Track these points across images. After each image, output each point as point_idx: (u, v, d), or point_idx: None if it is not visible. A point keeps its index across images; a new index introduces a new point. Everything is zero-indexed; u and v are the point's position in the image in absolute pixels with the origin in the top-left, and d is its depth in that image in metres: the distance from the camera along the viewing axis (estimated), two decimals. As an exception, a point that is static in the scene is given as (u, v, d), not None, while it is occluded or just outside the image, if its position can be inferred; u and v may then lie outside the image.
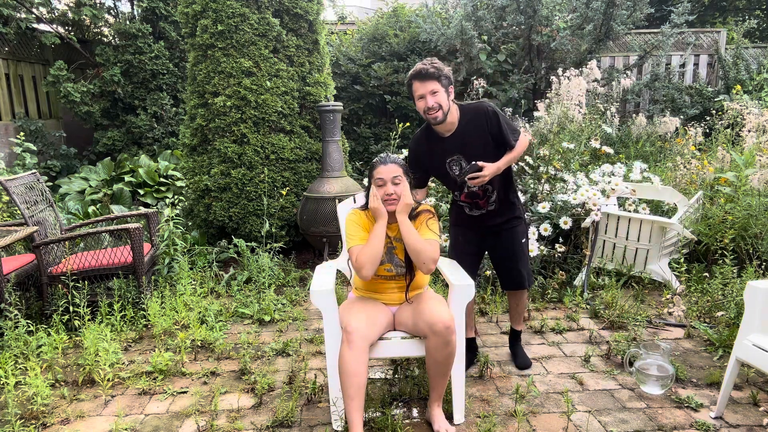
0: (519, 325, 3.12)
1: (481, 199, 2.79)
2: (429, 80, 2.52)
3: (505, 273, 2.94)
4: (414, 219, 2.50)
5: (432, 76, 2.51)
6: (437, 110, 2.56)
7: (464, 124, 2.67)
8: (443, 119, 2.59)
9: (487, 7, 6.83)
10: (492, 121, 2.64)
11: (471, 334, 3.06)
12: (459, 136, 2.67)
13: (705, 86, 7.57)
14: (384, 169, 2.39)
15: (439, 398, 2.46)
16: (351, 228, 2.47)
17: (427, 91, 2.53)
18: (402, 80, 7.06)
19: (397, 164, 2.40)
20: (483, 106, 2.67)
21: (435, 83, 2.52)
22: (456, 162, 2.72)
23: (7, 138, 6.61)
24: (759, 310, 2.38)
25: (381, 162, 2.41)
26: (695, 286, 3.93)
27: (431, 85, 2.52)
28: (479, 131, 2.65)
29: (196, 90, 4.99)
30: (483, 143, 2.66)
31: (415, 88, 2.57)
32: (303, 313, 3.94)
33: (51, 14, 7.35)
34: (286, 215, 5.03)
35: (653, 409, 2.63)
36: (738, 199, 4.21)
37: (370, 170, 2.46)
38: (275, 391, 2.85)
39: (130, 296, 3.75)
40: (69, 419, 2.63)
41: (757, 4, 10.98)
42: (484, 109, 2.65)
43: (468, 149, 2.66)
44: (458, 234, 2.95)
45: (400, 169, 2.40)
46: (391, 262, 2.50)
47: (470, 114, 2.67)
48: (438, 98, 2.54)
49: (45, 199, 4.05)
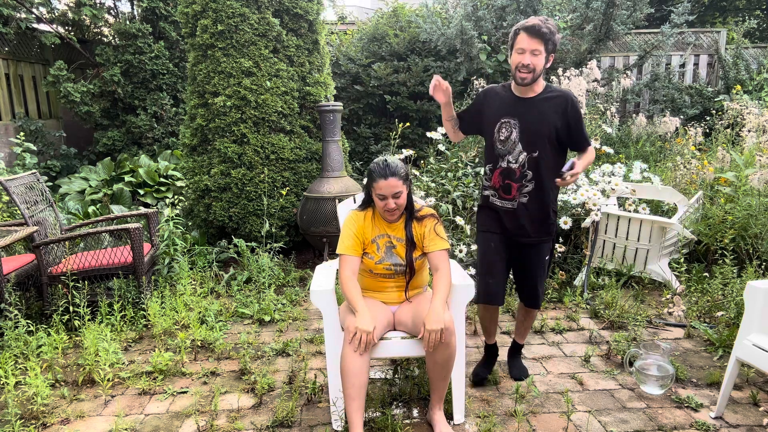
0: (522, 339, 3.01)
1: (514, 181, 2.59)
2: (537, 38, 2.39)
3: (522, 289, 2.82)
4: (418, 222, 2.48)
5: (542, 36, 2.39)
6: (529, 72, 2.45)
7: (543, 98, 2.54)
8: (530, 82, 2.49)
9: (487, 7, 6.82)
10: (574, 109, 2.53)
11: (493, 340, 2.94)
12: (530, 105, 2.54)
13: (705, 86, 7.57)
14: (384, 184, 2.33)
15: (441, 400, 2.45)
16: (345, 232, 2.46)
17: (530, 48, 2.41)
18: (402, 80, 7.06)
19: (397, 177, 2.34)
20: (571, 93, 2.57)
21: (541, 44, 2.40)
22: (507, 126, 2.56)
23: (7, 138, 6.61)
24: (759, 310, 2.38)
25: (381, 175, 2.34)
26: (695, 286, 3.93)
27: (536, 44, 2.40)
28: (556, 112, 2.52)
29: (196, 90, 4.99)
30: (550, 126, 2.52)
31: (518, 40, 2.44)
32: (303, 313, 3.94)
33: (51, 14, 7.34)
34: (286, 215, 5.03)
35: (653, 409, 2.63)
36: (738, 199, 4.21)
37: (369, 176, 2.42)
38: (275, 391, 2.85)
39: (130, 296, 3.75)
40: (69, 419, 2.63)
41: (757, 4, 10.98)
42: (571, 97, 2.55)
43: (530, 121, 2.53)
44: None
45: (400, 182, 2.35)
46: (390, 261, 2.49)
47: (555, 93, 2.55)
48: (537, 60, 2.42)
49: (45, 199, 4.05)
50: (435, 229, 2.44)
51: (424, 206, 2.55)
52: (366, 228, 2.48)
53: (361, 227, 2.47)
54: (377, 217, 2.51)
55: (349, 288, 2.36)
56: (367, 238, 2.48)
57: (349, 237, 2.44)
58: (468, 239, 4.18)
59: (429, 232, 2.44)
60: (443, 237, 2.44)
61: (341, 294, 3.59)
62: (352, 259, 2.43)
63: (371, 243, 2.48)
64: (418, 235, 2.47)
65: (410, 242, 2.46)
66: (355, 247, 2.44)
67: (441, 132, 4.76)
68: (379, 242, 2.48)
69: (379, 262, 2.48)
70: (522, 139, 2.54)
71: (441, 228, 2.46)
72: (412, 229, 2.47)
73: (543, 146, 2.53)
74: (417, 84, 7.09)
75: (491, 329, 2.87)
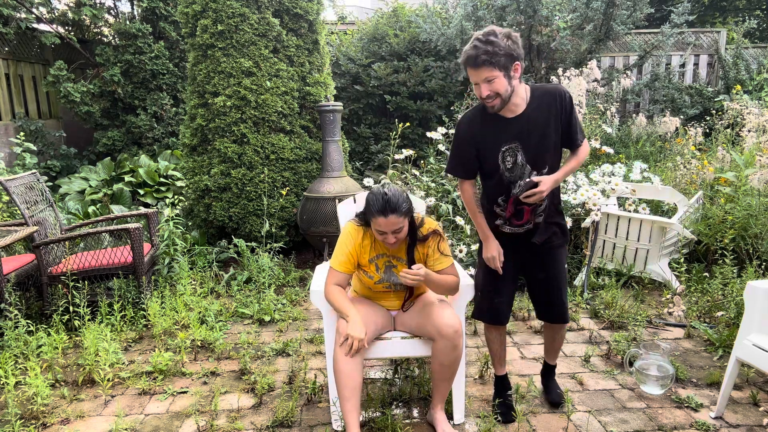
0: (553, 360, 2.74)
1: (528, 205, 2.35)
2: (481, 67, 2.14)
3: (543, 303, 2.54)
4: (422, 243, 2.36)
5: (483, 63, 2.13)
6: (495, 98, 2.20)
7: (533, 106, 2.29)
8: (502, 106, 2.24)
9: (487, 7, 6.82)
10: (565, 103, 2.29)
11: (503, 370, 2.68)
12: (524, 120, 2.28)
13: (705, 86, 7.57)
14: (383, 221, 2.17)
15: (442, 401, 2.45)
16: (340, 247, 2.37)
17: (480, 79, 2.17)
18: (402, 80, 7.06)
19: (397, 214, 2.16)
20: (559, 87, 2.32)
21: (490, 69, 2.14)
22: (511, 152, 2.31)
23: (7, 138, 6.61)
24: (759, 310, 2.38)
25: (380, 213, 2.16)
26: (695, 286, 3.93)
27: (485, 73, 2.15)
28: (546, 113, 2.28)
29: (196, 90, 4.99)
30: (545, 131, 2.29)
31: (468, 74, 2.22)
32: (303, 313, 3.94)
33: (51, 14, 7.34)
34: (286, 215, 5.03)
35: (653, 409, 2.63)
36: (738, 199, 4.21)
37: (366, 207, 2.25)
38: (275, 391, 2.85)
39: (130, 296, 3.75)
40: (69, 419, 2.63)
41: (757, 4, 10.98)
42: (559, 90, 2.29)
43: (529, 137, 2.29)
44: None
45: (401, 218, 2.18)
46: (389, 281, 2.44)
47: (540, 93, 2.31)
48: (495, 86, 2.17)
49: (45, 199, 4.05)
50: (439, 248, 2.36)
51: (424, 218, 2.40)
52: (364, 248, 2.38)
53: (359, 246, 2.37)
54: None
55: (335, 297, 2.31)
56: (363, 257, 2.39)
57: (344, 254, 2.35)
58: (468, 239, 4.18)
59: (433, 252, 2.36)
60: (447, 254, 2.37)
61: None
62: (341, 276, 2.37)
63: (369, 263, 2.40)
64: (420, 255, 2.38)
65: (412, 263, 2.35)
66: (347, 265, 2.36)
67: (441, 132, 4.76)
68: (378, 262, 2.41)
69: (379, 282, 2.43)
70: (528, 160, 2.31)
71: (445, 245, 2.38)
72: (414, 252, 2.37)
73: (551, 158, 2.34)
74: (417, 84, 7.09)
75: (501, 354, 2.65)
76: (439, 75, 7.02)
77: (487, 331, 2.64)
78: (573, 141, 2.37)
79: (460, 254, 4.03)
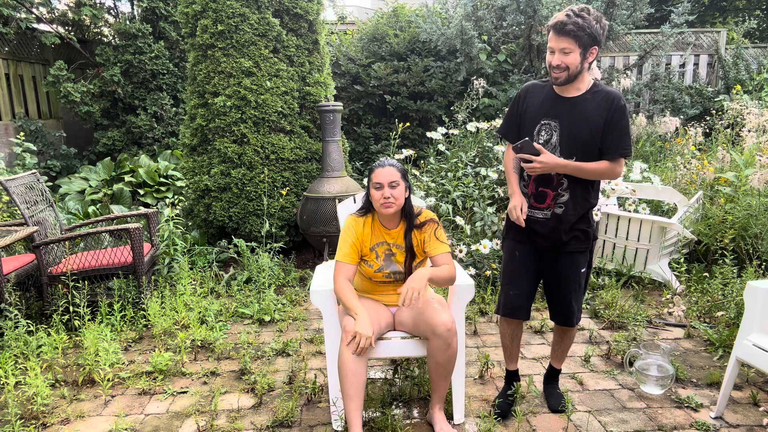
0: (559, 364, 2.75)
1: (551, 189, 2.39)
2: (563, 36, 2.20)
3: (553, 303, 2.56)
4: (419, 229, 2.45)
5: (568, 33, 2.18)
6: (562, 71, 2.26)
7: (588, 97, 2.32)
8: (565, 82, 2.29)
9: (487, 7, 6.82)
10: (618, 111, 2.28)
11: (513, 366, 2.71)
12: (572, 105, 2.33)
13: (705, 86, 7.57)
14: (382, 172, 2.36)
15: (441, 401, 2.45)
16: (343, 239, 2.45)
17: (558, 47, 2.23)
18: (402, 80, 7.06)
19: (395, 168, 2.37)
20: (619, 95, 2.32)
21: (571, 42, 2.20)
22: (547, 129, 2.37)
23: (7, 138, 6.61)
24: (759, 310, 2.38)
25: (379, 165, 2.39)
26: (695, 286, 3.93)
27: (565, 43, 2.21)
28: (597, 111, 2.30)
29: (196, 90, 4.99)
30: (591, 127, 2.31)
31: (549, 38, 2.28)
32: (303, 313, 3.94)
33: (51, 14, 7.34)
34: (286, 215, 5.03)
35: (653, 409, 2.63)
36: (738, 199, 4.21)
37: (369, 173, 2.44)
38: (275, 391, 2.85)
39: (130, 296, 3.75)
40: (69, 419, 2.63)
41: (757, 4, 10.98)
42: (618, 97, 2.30)
43: (572, 123, 2.33)
44: (514, 249, 2.54)
45: (398, 174, 2.36)
46: (389, 269, 2.47)
47: (599, 91, 2.33)
48: (569, 59, 2.23)
49: (45, 199, 4.05)
50: (435, 234, 2.42)
51: (422, 209, 2.51)
52: (365, 235, 2.46)
53: (360, 234, 2.45)
54: (377, 223, 2.48)
55: (345, 293, 2.35)
56: (365, 245, 2.46)
57: (347, 245, 2.43)
58: (468, 239, 4.18)
59: (429, 237, 2.43)
60: (444, 241, 2.43)
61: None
62: (348, 267, 2.42)
63: (370, 251, 2.46)
64: (418, 241, 2.45)
65: (410, 251, 2.44)
66: (352, 255, 2.43)
67: (441, 132, 4.76)
68: (378, 250, 2.47)
69: (378, 270, 2.46)
70: (561, 143, 2.34)
71: (441, 232, 2.45)
72: (411, 237, 2.44)
73: (584, 152, 2.33)
74: (417, 84, 7.09)
75: (512, 350, 2.66)
76: (439, 75, 7.02)
77: (501, 324, 2.67)
78: (605, 150, 2.33)
79: (460, 254, 4.03)
